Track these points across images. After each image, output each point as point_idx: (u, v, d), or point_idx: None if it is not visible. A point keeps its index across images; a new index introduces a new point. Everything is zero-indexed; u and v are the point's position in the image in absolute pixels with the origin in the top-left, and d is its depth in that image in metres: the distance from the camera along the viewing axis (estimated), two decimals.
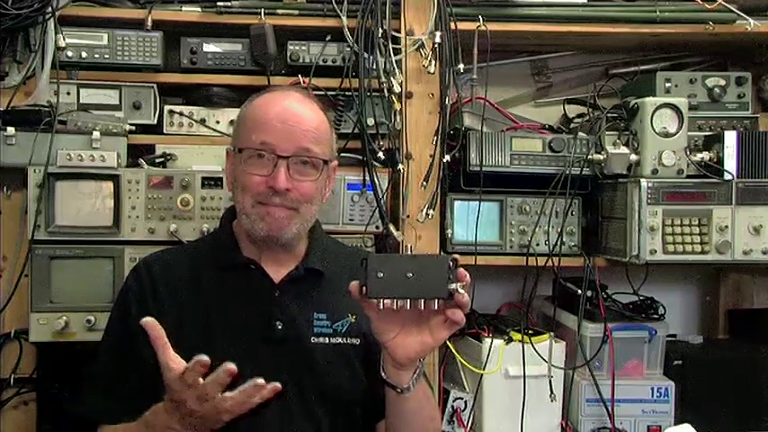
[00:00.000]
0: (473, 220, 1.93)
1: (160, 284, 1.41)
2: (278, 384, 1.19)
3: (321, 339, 1.40)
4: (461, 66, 1.92)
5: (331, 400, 1.39)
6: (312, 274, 1.44)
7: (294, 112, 1.37)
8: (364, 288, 1.12)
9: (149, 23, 1.88)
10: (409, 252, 1.19)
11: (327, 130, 1.43)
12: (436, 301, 1.14)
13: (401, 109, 1.91)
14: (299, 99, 1.41)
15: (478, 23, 1.94)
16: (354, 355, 1.42)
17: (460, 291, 1.13)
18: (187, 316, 1.38)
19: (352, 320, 1.42)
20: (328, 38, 1.95)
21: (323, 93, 1.93)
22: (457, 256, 1.15)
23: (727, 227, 1.87)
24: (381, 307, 1.14)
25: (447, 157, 1.91)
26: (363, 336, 1.41)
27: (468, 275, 1.14)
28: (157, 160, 1.91)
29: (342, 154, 1.88)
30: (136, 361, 1.36)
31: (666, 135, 1.88)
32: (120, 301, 1.45)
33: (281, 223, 1.36)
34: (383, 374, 1.26)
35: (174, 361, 1.17)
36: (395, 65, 1.89)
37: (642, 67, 2.28)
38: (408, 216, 1.91)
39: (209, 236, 1.70)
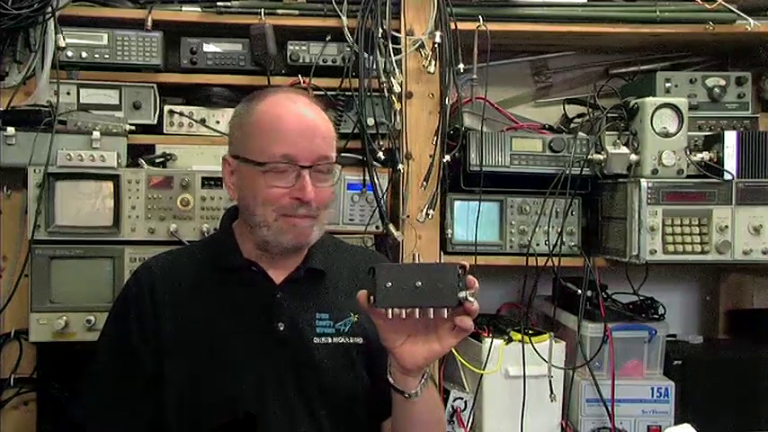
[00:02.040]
0: (473, 220, 1.93)
1: (160, 288, 1.40)
2: None
3: (324, 339, 1.40)
4: (461, 66, 1.93)
5: (334, 400, 1.39)
6: (313, 274, 1.44)
7: (309, 119, 1.36)
8: (372, 297, 1.11)
9: (149, 23, 1.88)
10: (416, 260, 1.18)
11: (333, 132, 1.42)
12: (446, 309, 1.13)
13: (401, 109, 1.91)
14: (308, 104, 1.39)
15: (478, 23, 1.94)
16: (357, 355, 1.42)
17: (470, 299, 1.12)
18: (188, 319, 1.38)
19: (355, 320, 1.42)
20: (328, 38, 1.95)
21: (323, 93, 1.93)
22: (465, 262, 1.14)
23: (727, 227, 1.87)
24: (390, 316, 1.13)
25: (447, 157, 1.92)
26: (366, 335, 1.41)
27: (476, 282, 1.14)
28: (157, 160, 1.91)
29: (342, 154, 1.87)
30: (134, 363, 1.36)
31: (666, 135, 1.88)
32: (120, 304, 1.44)
33: (306, 232, 1.36)
34: (390, 379, 1.26)
35: None
36: (395, 65, 1.89)
37: (642, 67, 2.28)
38: (408, 216, 1.91)
39: (209, 238, 1.70)
